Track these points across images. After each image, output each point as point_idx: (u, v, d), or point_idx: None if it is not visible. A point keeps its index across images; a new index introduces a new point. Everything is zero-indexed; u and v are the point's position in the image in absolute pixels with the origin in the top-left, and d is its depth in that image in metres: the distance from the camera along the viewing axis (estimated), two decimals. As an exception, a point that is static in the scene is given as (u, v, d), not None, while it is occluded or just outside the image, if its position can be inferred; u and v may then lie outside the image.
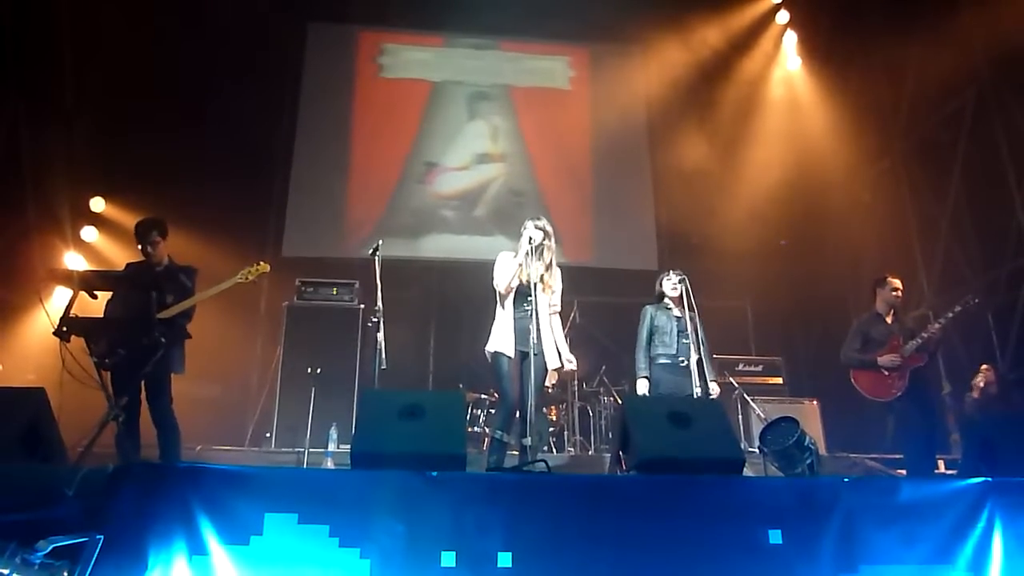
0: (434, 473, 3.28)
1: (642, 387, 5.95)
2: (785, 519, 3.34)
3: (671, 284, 6.08)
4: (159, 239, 5.52)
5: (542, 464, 4.11)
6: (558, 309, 5.61)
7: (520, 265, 5.33)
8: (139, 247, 5.53)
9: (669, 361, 5.91)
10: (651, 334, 6.05)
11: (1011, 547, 3.44)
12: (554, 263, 5.57)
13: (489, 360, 5.44)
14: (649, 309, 6.20)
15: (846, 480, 3.59)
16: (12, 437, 3.83)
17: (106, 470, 3.13)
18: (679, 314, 5.95)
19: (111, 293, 5.34)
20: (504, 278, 5.37)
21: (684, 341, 5.88)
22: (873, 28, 9.49)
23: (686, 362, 5.76)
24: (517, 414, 5.31)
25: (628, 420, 4.41)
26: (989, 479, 3.62)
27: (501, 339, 5.34)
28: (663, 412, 4.34)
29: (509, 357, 5.27)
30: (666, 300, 6.12)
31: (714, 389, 5.88)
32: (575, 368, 5.74)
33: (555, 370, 5.58)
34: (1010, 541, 3.45)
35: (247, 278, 5.66)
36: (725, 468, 4.06)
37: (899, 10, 9.01)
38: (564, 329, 8.20)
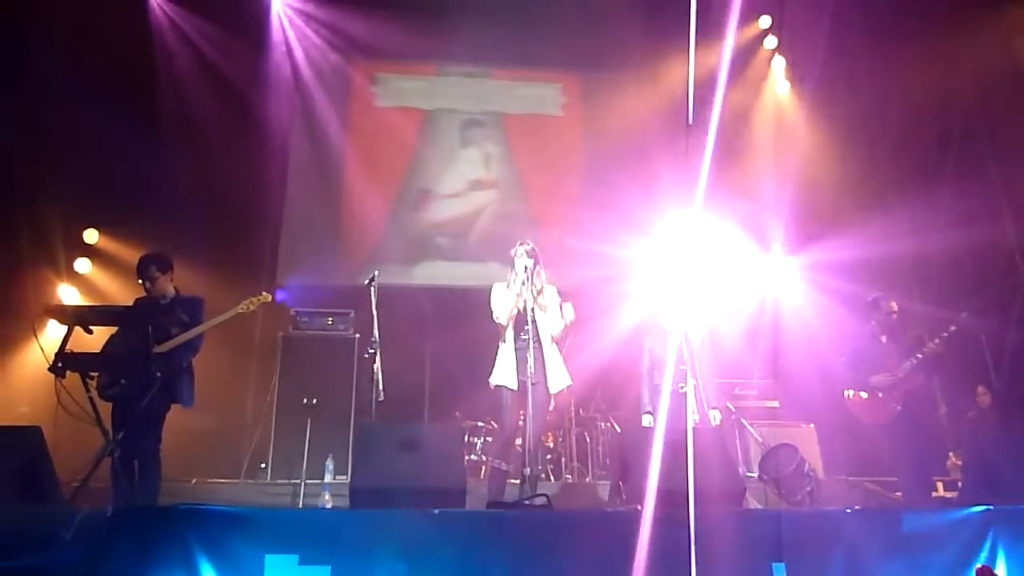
0: (436, 511, 3.26)
1: (646, 422, 5.95)
2: (789, 552, 3.33)
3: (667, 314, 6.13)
4: (158, 274, 5.51)
5: (543, 497, 4.09)
6: (564, 322, 5.56)
7: (517, 295, 5.35)
8: (144, 285, 5.53)
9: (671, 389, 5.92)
10: (651, 365, 6.08)
11: (1015, 575, 3.43)
12: (546, 283, 5.57)
13: (493, 389, 5.45)
14: (647, 340, 6.24)
15: (848, 511, 3.59)
16: (7, 477, 3.80)
17: (105, 512, 3.10)
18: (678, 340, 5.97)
19: (114, 329, 5.35)
20: (503, 310, 5.39)
21: (681, 367, 5.89)
22: (860, 51, 9.59)
23: (685, 388, 5.76)
24: (517, 442, 5.30)
25: (627, 450, 4.41)
26: (991, 507, 3.61)
27: (503, 372, 5.36)
28: (662, 442, 4.33)
29: (512, 389, 5.28)
30: (665, 327, 6.15)
31: (715, 417, 5.88)
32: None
33: (566, 388, 5.55)
34: (1014, 569, 3.44)
35: (248, 308, 5.66)
36: (726, 497, 4.05)
37: (885, 34, 9.11)
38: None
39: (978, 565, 3.22)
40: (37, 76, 8.25)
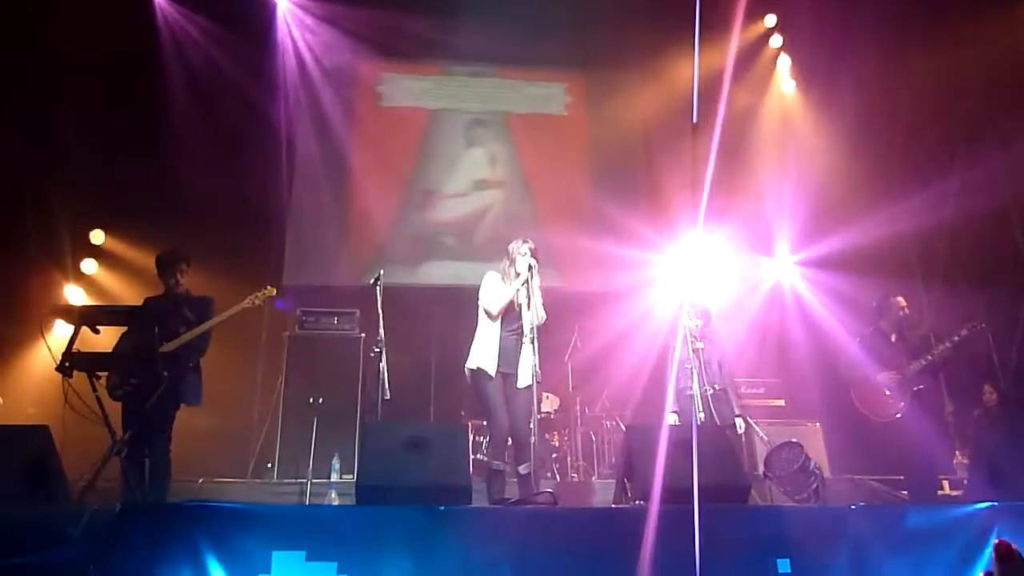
0: (441, 508, 3.28)
1: (671, 420, 6.04)
2: (794, 548, 3.33)
3: (691, 322, 6.22)
4: (185, 268, 5.61)
5: (548, 495, 4.10)
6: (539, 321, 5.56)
7: (517, 290, 5.38)
8: (165, 279, 5.59)
9: (693, 393, 6.01)
10: (677, 369, 6.22)
11: (1021, 572, 3.42)
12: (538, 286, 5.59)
13: (469, 377, 5.45)
14: (673, 344, 6.36)
15: (853, 508, 3.58)
16: (15, 476, 3.81)
17: (113, 510, 3.12)
18: (701, 344, 6.07)
19: (120, 328, 5.39)
20: (497, 302, 5.41)
21: (688, 366, 5.98)
22: (866, 49, 9.56)
23: (711, 391, 5.88)
24: (509, 440, 5.29)
25: (632, 448, 4.41)
26: (996, 503, 3.61)
27: (484, 355, 5.36)
28: (666, 440, 4.34)
29: (491, 375, 5.27)
30: (689, 332, 6.24)
31: (739, 425, 5.96)
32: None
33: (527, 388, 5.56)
34: (1019, 566, 3.43)
35: (254, 303, 5.71)
36: (731, 494, 4.05)
37: (891, 31, 9.09)
38: (566, 355, 8.29)
39: (996, 540, 3.21)
40: (42, 77, 8.29)
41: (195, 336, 5.41)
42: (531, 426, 5.01)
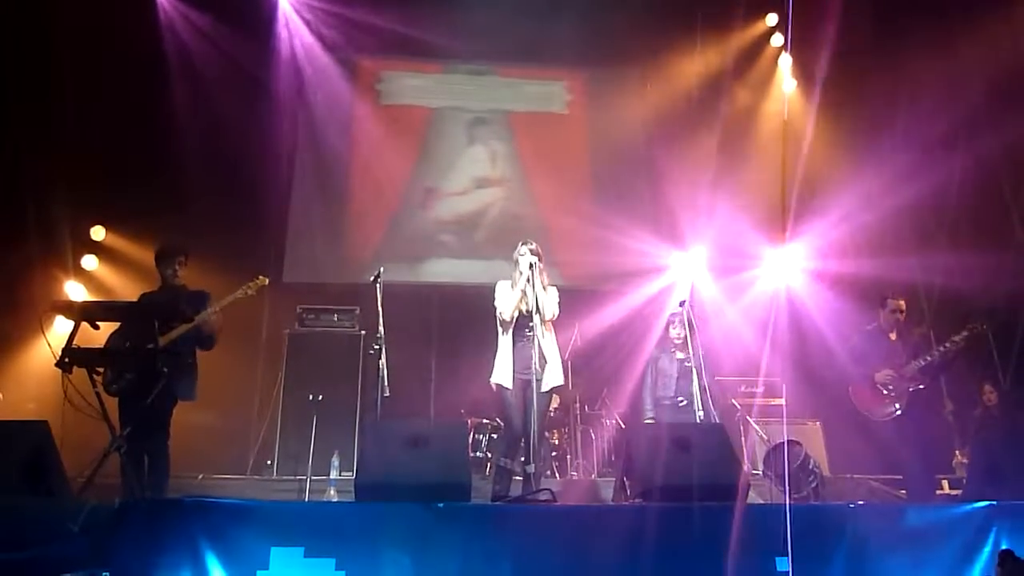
0: (440, 504, 3.28)
1: None
2: (793, 546, 3.33)
3: (676, 331, 6.26)
4: (184, 260, 5.63)
5: (547, 492, 4.10)
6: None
7: (523, 292, 5.38)
8: (163, 270, 5.59)
9: (669, 403, 6.14)
10: (656, 377, 6.30)
11: (1019, 571, 3.41)
12: (547, 284, 5.62)
13: (494, 389, 5.49)
14: (655, 352, 6.47)
15: (852, 506, 3.59)
16: (15, 471, 3.82)
17: (112, 505, 3.13)
18: (682, 355, 6.14)
19: (116, 323, 5.38)
20: (507, 306, 5.43)
21: (683, 382, 6.07)
22: (868, 48, 9.56)
23: (685, 402, 5.96)
24: (521, 441, 5.33)
25: (631, 447, 4.42)
26: (994, 502, 3.62)
27: (501, 370, 5.43)
28: (666, 438, 4.35)
29: (509, 387, 5.33)
30: (671, 342, 6.28)
31: None
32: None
33: (555, 388, 5.59)
34: (1018, 565, 3.43)
35: (247, 293, 5.72)
36: (729, 492, 4.05)
37: (892, 30, 9.09)
38: (565, 354, 8.27)
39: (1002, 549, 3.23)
40: (44, 73, 8.29)
41: (190, 329, 5.39)
42: (533, 424, 5.02)
